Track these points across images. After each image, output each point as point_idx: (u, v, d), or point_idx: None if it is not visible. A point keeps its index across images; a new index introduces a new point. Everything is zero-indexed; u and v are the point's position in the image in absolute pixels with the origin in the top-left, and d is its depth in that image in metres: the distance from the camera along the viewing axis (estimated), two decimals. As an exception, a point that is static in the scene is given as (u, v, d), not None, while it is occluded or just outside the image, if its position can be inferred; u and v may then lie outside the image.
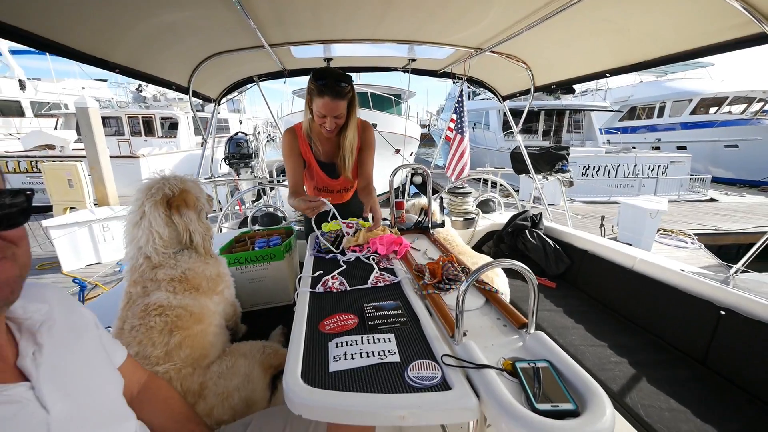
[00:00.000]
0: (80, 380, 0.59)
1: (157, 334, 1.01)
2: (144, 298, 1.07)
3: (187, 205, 1.20)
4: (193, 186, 1.25)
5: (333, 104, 1.50)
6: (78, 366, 0.60)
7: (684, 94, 15.88)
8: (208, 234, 1.27)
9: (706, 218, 8.20)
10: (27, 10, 1.21)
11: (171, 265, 1.14)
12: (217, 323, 1.22)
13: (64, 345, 0.59)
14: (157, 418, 0.79)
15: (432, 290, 1.16)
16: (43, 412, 0.50)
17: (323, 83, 1.48)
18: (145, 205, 1.12)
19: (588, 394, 0.68)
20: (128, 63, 1.83)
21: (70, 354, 0.60)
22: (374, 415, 0.70)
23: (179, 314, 1.07)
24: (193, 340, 1.07)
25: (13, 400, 0.49)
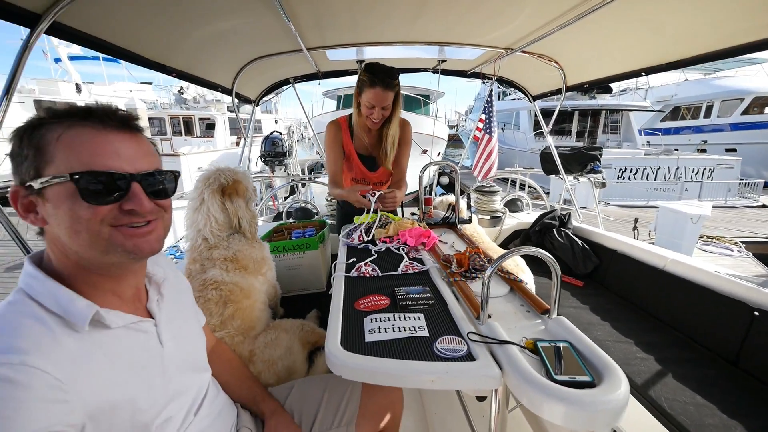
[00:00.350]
0: (182, 329, 0.74)
1: (214, 305, 1.17)
2: (202, 275, 1.23)
3: (237, 194, 1.35)
4: (243, 177, 1.40)
5: (383, 95, 1.63)
6: (181, 318, 0.76)
7: (735, 92, 14.79)
8: (254, 220, 1.42)
9: (756, 226, 7.64)
10: (105, 23, 1.40)
11: (224, 247, 1.29)
12: (262, 300, 1.36)
13: (174, 299, 0.75)
14: (222, 375, 0.93)
15: (459, 278, 1.23)
16: (159, 345, 0.66)
17: (375, 75, 1.62)
18: (204, 193, 1.27)
19: (605, 369, 0.73)
20: (184, 68, 2.03)
21: (177, 307, 0.76)
22: (406, 377, 0.79)
23: (231, 289, 1.22)
24: (243, 312, 1.21)
25: (144, 330, 0.65)
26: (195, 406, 0.73)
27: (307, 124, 5.47)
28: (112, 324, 0.58)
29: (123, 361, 0.58)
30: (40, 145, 0.54)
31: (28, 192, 0.55)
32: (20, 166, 0.55)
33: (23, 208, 0.56)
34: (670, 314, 1.72)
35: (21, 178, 0.55)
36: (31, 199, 0.55)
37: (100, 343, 0.56)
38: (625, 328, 1.67)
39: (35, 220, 0.56)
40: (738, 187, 10.27)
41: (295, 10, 1.74)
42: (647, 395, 1.24)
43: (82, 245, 0.56)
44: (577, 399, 0.66)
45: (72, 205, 0.54)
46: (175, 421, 0.66)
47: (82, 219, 0.54)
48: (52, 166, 0.53)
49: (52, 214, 0.55)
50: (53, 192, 0.54)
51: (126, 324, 0.60)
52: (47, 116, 0.55)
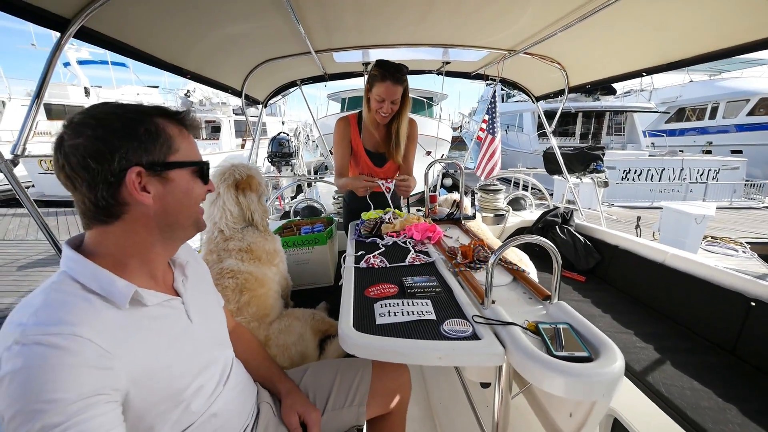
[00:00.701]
0: (205, 309, 0.80)
1: (231, 293, 1.24)
2: (218, 264, 1.29)
3: (251, 189, 1.42)
4: (256, 172, 1.46)
5: (393, 89, 1.72)
6: (204, 297, 0.83)
7: (740, 93, 14.71)
8: (265, 214, 1.48)
9: (761, 227, 7.61)
10: (127, 27, 1.48)
11: (239, 238, 1.36)
12: (276, 289, 1.43)
13: (196, 281, 0.82)
14: (242, 354, 0.98)
15: (464, 269, 1.28)
16: (189, 321, 0.72)
17: (385, 70, 1.71)
18: (221, 188, 1.34)
19: (602, 346, 0.78)
20: (197, 70, 2.10)
21: (200, 288, 0.82)
22: (415, 354, 0.84)
23: (246, 278, 1.29)
24: (258, 300, 1.28)
25: (174, 307, 0.71)
26: (224, 377, 0.79)
27: (312, 126, 5.51)
28: (148, 302, 0.64)
29: (159, 334, 0.65)
30: (168, 135, 0.66)
31: (152, 172, 0.64)
32: (151, 149, 0.63)
33: (141, 187, 0.63)
34: (669, 306, 1.76)
35: (149, 159, 0.63)
36: (150, 179, 0.63)
37: (139, 318, 0.62)
38: (626, 320, 1.72)
39: (147, 198, 0.63)
40: (743, 189, 10.21)
41: (304, 13, 1.80)
42: (646, 381, 1.28)
43: (185, 216, 0.70)
44: (575, 372, 0.71)
45: (192, 184, 0.70)
46: (207, 390, 0.72)
47: (195, 195, 0.71)
48: (179, 153, 0.67)
49: (167, 191, 0.66)
50: (178, 173, 0.67)
51: (159, 302, 0.67)
52: (165, 113, 0.68)
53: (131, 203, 0.63)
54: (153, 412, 0.61)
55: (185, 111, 0.71)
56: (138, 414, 0.58)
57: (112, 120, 0.61)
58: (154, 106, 0.68)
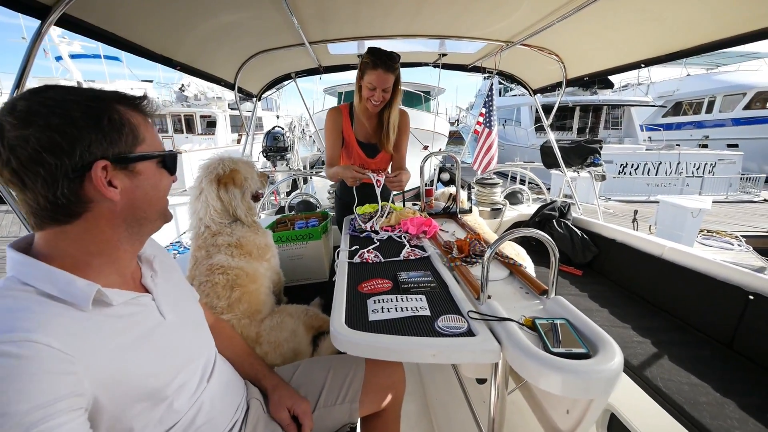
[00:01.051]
0: (178, 302, 0.77)
1: (221, 289, 1.20)
2: (208, 260, 1.26)
3: (234, 183, 1.35)
4: (243, 166, 1.41)
5: (384, 76, 1.69)
6: (175, 292, 0.78)
7: (737, 87, 14.71)
8: (250, 211, 1.43)
9: (757, 220, 7.65)
10: (114, 16, 1.43)
11: (227, 233, 1.32)
12: (267, 285, 1.40)
13: (165, 274, 0.78)
14: (223, 351, 0.94)
15: (459, 263, 1.26)
16: (161, 317, 0.69)
17: (377, 58, 1.68)
18: (203, 182, 1.30)
19: (600, 342, 0.76)
20: (188, 61, 2.05)
21: (170, 281, 0.79)
22: (409, 352, 0.82)
23: (238, 274, 1.25)
24: (250, 296, 1.25)
25: (144, 304, 0.67)
26: (207, 373, 0.76)
27: (308, 120, 5.42)
28: (113, 301, 0.60)
29: (128, 334, 0.60)
30: (133, 125, 0.61)
31: (119, 165, 0.59)
32: (116, 140, 0.58)
33: (108, 182, 0.58)
34: (667, 300, 1.75)
35: (115, 152, 0.58)
36: (117, 173, 0.59)
37: (103, 319, 0.58)
38: (623, 314, 1.71)
39: (114, 194, 0.59)
40: (739, 182, 10.26)
41: (298, 3, 1.76)
42: (643, 376, 1.27)
43: (154, 209, 0.67)
44: (573, 369, 0.69)
45: (160, 176, 0.67)
46: (190, 387, 0.69)
47: (163, 186, 0.68)
48: (145, 144, 0.63)
49: (135, 185, 0.62)
50: (146, 165, 0.63)
51: (126, 300, 0.63)
52: (125, 100, 0.62)
53: (96, 200, 0.58)
54: (130, 413, 0.58)
55: (144, 97, 0.66)
56: (114, 415, 0.55)
57: (69, 107, 0.54)
58: (111, 91, 0.62)
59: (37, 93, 0.55)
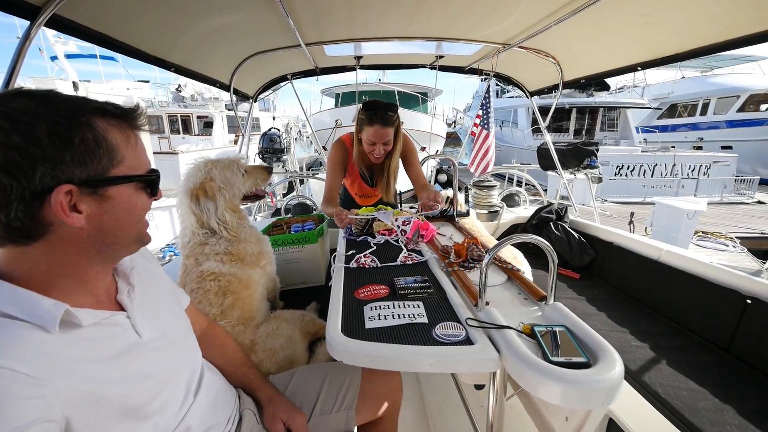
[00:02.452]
0: (159, 315, 0.73)
1: (213, 296, 1.18)
2: (197, 267, 1.23)
3: (206, 196, 1.26)
4: (220, 173, 1.29)
5: (383, 131, 1.65)
6: (156, 304, 0.74)
7: (731, 90, 14.84)
8: (227, 224, 1.30)
9: (751, 221, 7.70)
10: (105, 16, 1.40)
11: (213, 243, 1.27)
12: (261, 291, 1.37)
13: (146, 286, 0.74)
14: (214, 359, 0.92)
15: (457, 268, 1.25)
16: (137, 336, 0.65)
17: (373, 113, 1.62)
18: (180, 194, 1.27)
19: (600, 351, 0.75)
20: (182, 63, 2.03)
21: (150, 294, 0.74)
22: (406, 361, 0.81)
23: (230, 280, 1.23)
24: (243, 302, 1.23)
25: (118, 323, 0.63)
26: (192, 387, 0.73)
27: (305, 121, 5.35)
28: (83, 322, 0.56)
29: (100, 356, 0.57)
30: (111, 145, 0.55)
31: (87, 190, 0.53)
32: (87, 162, 0.53)
33: (71, 208, 0.52)
34: (664, 304, 1.75)
35: (84, 175, 0.53)
36: (83, 197, 0.53)
37: (73, 341, 0.54)
38: (621, 318, 1.70)
39: (76, 220, 0.53)
40: (733, 184, 10.32)
41: (294, 5, 1.74)
42: (642, 381, 1.26)
43: (127, 235, 0.62)
44: (573, 378, 0.68)
45: (135, 198, 0.61)
46: (174, 404, 0.66)
47: (139, 210, 0.62)
48: (123, 165, 0.58)
49: (104, 210, 0.56)
50: (120, 189, 0.58)
51: (98, 321, 0.59)
52: (105, 112, 0.56)
53: (56, 224, 0.52)
54: None
55: (134, 109, 0.60)
56: None
57: (35, 123, 0.48)
58: (94, 102, 0.56)
59: (3, 102, 0.49)
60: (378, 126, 1.63)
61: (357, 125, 1.72)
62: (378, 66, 3.48)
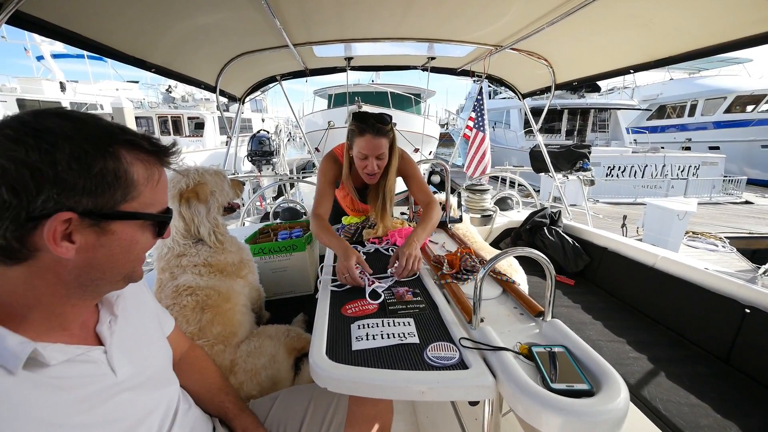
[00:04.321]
0: (140, 348, 0.67)
1: (190, 312, 1.10)
2: (172, 281, 1.16)
3: (198, 198, 1.22)
4: (211, 178, 1.27)
5: (375, 142, 1.44)
6: (139, 335, 0.69)
7: (718, 91, 15.10)
8: (218, 229, 1.28)
9: (739, 221, 7.81)
10: (76, 13, 1.32)
11: (192, 254, 1.21)
12: (244, 303, 1.30)
13: (130, 316, 0.68)
14: (192, 385, 0.86)
15: (450, 280, 1.19)
16: (112, 374, 0.58)
17: (364, 122, 1.45)
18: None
19: (603, 376, 0.70)
20: (163, 63, 1.94)
21: (134, 324, 0.68)
22: (396, 389, 0.74)
23: (208, 294, 1.16)
24: (224, 317, 1.15)
25: (92, 360, 0.57)
26: (166, 424, 0.67)
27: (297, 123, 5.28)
28: (51, 361, 0.50)
29: (66, 399, 0.51)
30: (130, 180, 0.52)
31: (89, 221, 0.49)
32: (99, 193, 0.49)
33: (63, 236, 0.48)
34: (661, 312, 1.72)
35: (89, 206, 0.49)
36: (81, 228, 0.49)
37: (38, 382, 0.49)
38: (617, 327, 1.66)
39: (66, 250, 0.48)
40: (722, 184, 10.48)
41: (279, 5, 1.68)
42: (641, 396, 1.22)
43: (117, 272, 0.56)
44: (575, 410, 0.63)
45: (139, 236, 0.56)
46: None
47: (139, 249, 0.57)
48: (136, 201, 0.53)
49: (101, 244, 0.52)
50: (124, 225, 0.53)
51: (70, 358, 0.53)
52: (136, 145, 0.53)
53: (43, 250, 0.48)
54: None
55: (168, 146, 0.57)
56: None
57: (58, 144, 0.45)
58: (128, 132, 0.53)
59: (38, 118, 0.47)
60: (369, 136, 1.44)
61: (348, 140, 1.53)
62: (369, 67, 3.42)
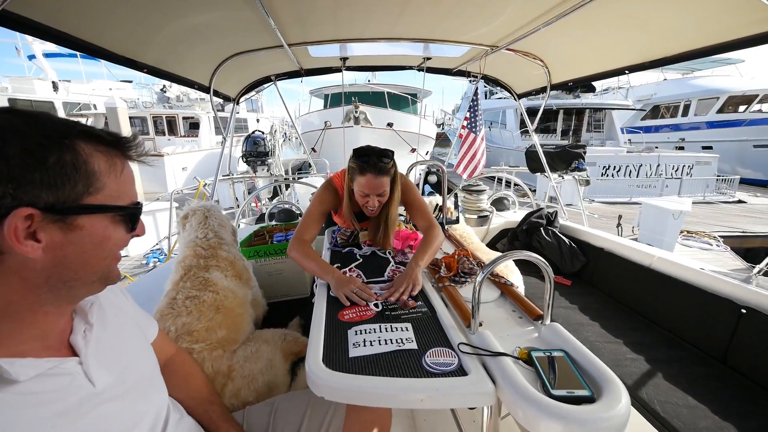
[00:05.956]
0: (119, 356, 0.64)
1: (206, 308, 1.14)
2: (203, 272, 1.23)
3: None
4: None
5: (376, 181, 1.40)
6: (118, 343, 0.65)
7: (710, 92, 15.25)
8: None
9: (733, 220, 7.89)
10: (65, 13, 1.29)
11: (226, 250, 1.38)
12: (251, 313, 1.35)
13: (107, 323, 0.65)
14: (176, 392, 0.82)
15: (448, 283, 1.18)
16: (90, 385, 0.55)
17: (365, 160, 1.40)
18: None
19: (604, 382, 0.69)
20: (156, 63, 1.91)
21: (112, 332, 0.65)
22: (394, 397, 0.73)
23: (227, 295, 1.22)
24: (233, 322, 1.19)
25: (67, 372, 0.54)
26: None
27: (293, 123, 5.21)
28: (20, 377, 0.47)
29: (42, 415, 0.48)
30: (90, 170, 0.50)
31: (52, 216, 0.47)
32: (59, 185, 0.47)
33: (26, 235, 0.46)
34: (657, 313, 1.72)
35: (51, 199, 0.47)
36: (45, 224, 0.47)
37: (8, 400, 0.46)
38: (614, 328, 1.66)
39: (32, 249, 0.46)
40: (715, 183, 10.58)
41: (274, 4, 1.66)
42: (640, 398, 1.22)
43: (90, 271, 0.54)
44: (576, 417, 0.62)
45: (110, 231, 0.54)
46: None
47: (111, 244, 0.55)
48: (101, 193, 0.51)
49: (69, 241, 0.49)
50: (92, 219, 0.51)
51: (41, 372, 0.50)
52: (92, 136, 0.51)
53: (7, 252, 0.46)
54: None
55: (127, 137, 0.55)
56: None
57: (8, 139, 0.44)
58: (82, 125, 0.51)
59: None
60: (371, 176, 1.38)
61: (348, 174, 1.48)
62: (364, 68, 3.40)
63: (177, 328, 1.07)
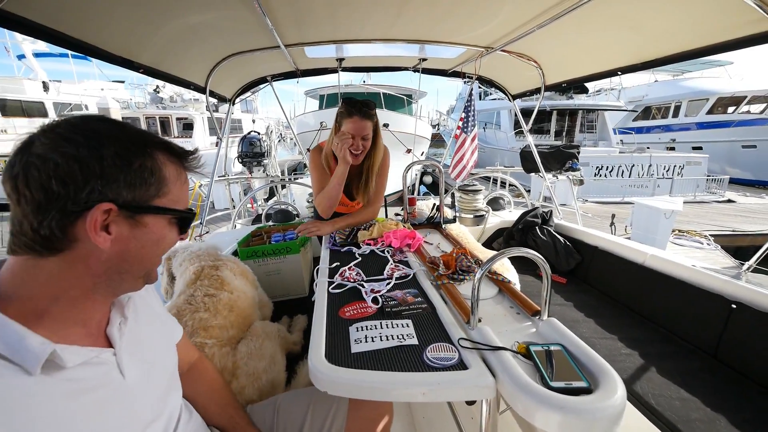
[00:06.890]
0: (148, 351, 0.67)
1: (222, 307, 1.17)
2: (215, 271, 1.28)
3: None
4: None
5: (361, 123, 1.64)
6: (148, 338, 0.68)
7: (700, 93, 15.51)
8: None
9: (723, 219, 8.03)
10: (60, 12, 1.29)
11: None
12: (258, 315, 1.39)
13: (139, 319, 0.68)
14: (201, 397, 0.85)
15: (446, 281, 1.19)
16: (121, 376, 0.58)
17: (352, 106, 1.65)
18: None
19: (600, 374, 0.71)
20: (152, 63, 1.90)
21: (143, 327, 0.68)
22: (396, 391, 0.74)
23: (239, 295, 1.25)
24: (242, 322, 1.21)
25: (104, 362, 0.57)
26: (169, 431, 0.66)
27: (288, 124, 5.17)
28: (68, 363, 0.51)
29: (82, 402, 0.52)
30: (163, 176, 0.58)
31: (126, 213, 0.54)
32: (137, 186, 0.54)
33: (103, 227, 0.52)
34: (651, 309, 1.75)
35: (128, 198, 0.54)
36: (119, 219, 0.53)
37: (53, 385, 0.49)
38: (609, 324, 1.69)
39: (103, 240, 0.52)
40: (706, 183, 10.76)
41: (271, 5, 1.66)
42: (634, 392, 1.25)
43: (142, 266, 0.60)
44: (573, 407, 0.63)
45: (167, 231, 0.61)
46: None
47: (166, 243, 0.62)
48: (166, 198, 0.59)
49: (134, 236, 0.56)
50: (156, 219, 0.58)
51: (84, 360, 0.54)
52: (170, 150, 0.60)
53: (82, 240, 0.51)
54: None
55: (194, 152, 0.63)
56: None
57: (105, 142, 0.51)
58: (161, 139, 0.59)
59: (86, 120, 0.53)
60: (357, 117, 1.63)
61: (336, 122, 1.71)
62: (360, 68, 3.42)
63: (194, 322, 1.09)
